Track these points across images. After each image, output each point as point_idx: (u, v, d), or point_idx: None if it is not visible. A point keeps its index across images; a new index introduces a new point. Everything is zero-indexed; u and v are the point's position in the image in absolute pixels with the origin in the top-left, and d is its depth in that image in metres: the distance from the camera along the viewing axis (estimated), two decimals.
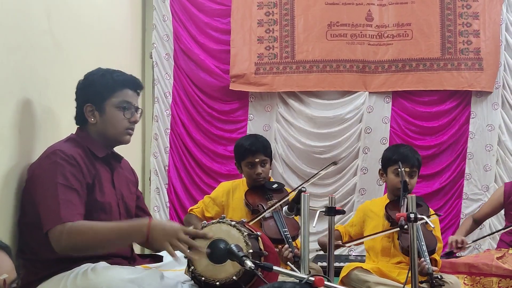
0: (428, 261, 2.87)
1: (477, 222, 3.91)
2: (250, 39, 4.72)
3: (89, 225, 2.09)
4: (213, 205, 3.29)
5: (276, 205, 2.99)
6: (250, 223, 2.88)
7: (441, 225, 4.22)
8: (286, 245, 2.88)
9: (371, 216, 3.36)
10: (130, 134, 2.40)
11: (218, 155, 4.78)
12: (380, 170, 3.43)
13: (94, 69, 2.39)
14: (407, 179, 3.10)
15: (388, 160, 3.32)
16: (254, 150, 3.17)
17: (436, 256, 3.14)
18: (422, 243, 2.95)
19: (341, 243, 3.22)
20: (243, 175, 3.33)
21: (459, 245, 3.49)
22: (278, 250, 2.85)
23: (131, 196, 2.48)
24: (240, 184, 3.32)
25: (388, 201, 3.33)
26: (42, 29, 2.60)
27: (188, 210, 3.45)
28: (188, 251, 2.00)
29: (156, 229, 2.03)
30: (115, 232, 2.09)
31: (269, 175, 3.32)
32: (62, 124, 2.64)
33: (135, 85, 2.41)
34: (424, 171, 4.09)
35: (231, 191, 3.29)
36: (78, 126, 2.39)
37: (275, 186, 3.24)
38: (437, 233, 3.28)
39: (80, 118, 2.36)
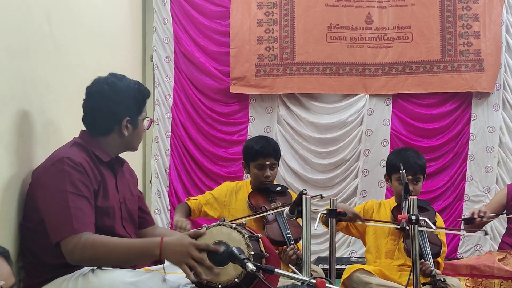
0: (432, 263, 2.87)
1: None
2: (250, 39, 4.72)
3: (103, 241, 2.07)
4: (214, 202, 3.28)
5: (280, 210, 3.00)
6: (249, 218, 2.90)
7: None
8: (291, 246, 2.89)
9: (378, 215, 3.34)
10: None
11: (219, 157, 4.78)
12: (385, 175, 3.43)
13: (120, 78, 2.33)
14: (411, 186, 3.10)
15: (391, 167, 3.31)
16: (266, 154, 3.18)
17: (439, 259, 3.13)
18: (427, 245, 2.95)
19: (362, 218, 3.21)
20: (245, 176, 3.34)
21: (481, 214, 3.38)
22: (279, 251, 2.86)
23: (133, 198, 2.47)
24: (244, 186, 3.32)
25: (395, 204, 3.32)
26: (43, 33, 2.60)
27: (185, 200, 3.44)
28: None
29: (168, 250, 2.01)
30: (128, 252, 2.07)
31: None
32: (63, 127, 2.64)
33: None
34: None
35: (235, 192, 3.30)
36: (86, 131, 2.34)
37: (278, 188, 3.26)
38: (442, 236, 3.27)
39: (108, 129, 2.31)
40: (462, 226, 4.21)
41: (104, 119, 2.30)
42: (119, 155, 2.46)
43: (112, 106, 2.29)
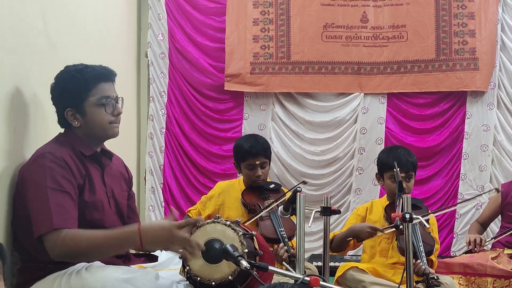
0: (425, 261, 2.88)
1: (483, 226, 3.95)
2: (245, 37, 4.72)
3: (83, 234, 2.06)
4: (209, 202, 3.28)
5: (273, 205, 2.99)
6: (247, 223, 2.89)
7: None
8: (282, 244, 2.88)
9: (371, 216, 3.34)
10: (117, 126, 2.36)
11: (213, 154, 4.78)
12: (377, 174, 3.43)
13: (63, 71, 2.33)
14: (404, 184, 3.10)
15: (383, 166, 3.30)
16: (255, 153, 3.15)
17: (432, 257, 3.14)
18: (420, 243, 2.95)
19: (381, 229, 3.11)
20: (238, 175, 3.33)
21: (477, 246, 3.55)
22: (273, 249, 2.85)
23: (122, 193, 2.45)
24: (237, 184, 3.31)
25: (387, 202, 3.33)
26: (38, 30, 2.59)
27: (186, 211, 3.45)
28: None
29: (148, 235, 2.02)
30: (108, 242, 2.07)
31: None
32: (56, 125, 2.62)
33: (108, 75, 2.34)
34: (419, 171, 4.10)
35: (228, 191, 3.29)
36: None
37: (272, 186, 3.24)
38: (435, 234, 3.28)
39: (63, 122, 2.33)
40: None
41: (57, 114, 2.33)
42: (109, 149, 2.45)
43: (54, 100, 2.33)
